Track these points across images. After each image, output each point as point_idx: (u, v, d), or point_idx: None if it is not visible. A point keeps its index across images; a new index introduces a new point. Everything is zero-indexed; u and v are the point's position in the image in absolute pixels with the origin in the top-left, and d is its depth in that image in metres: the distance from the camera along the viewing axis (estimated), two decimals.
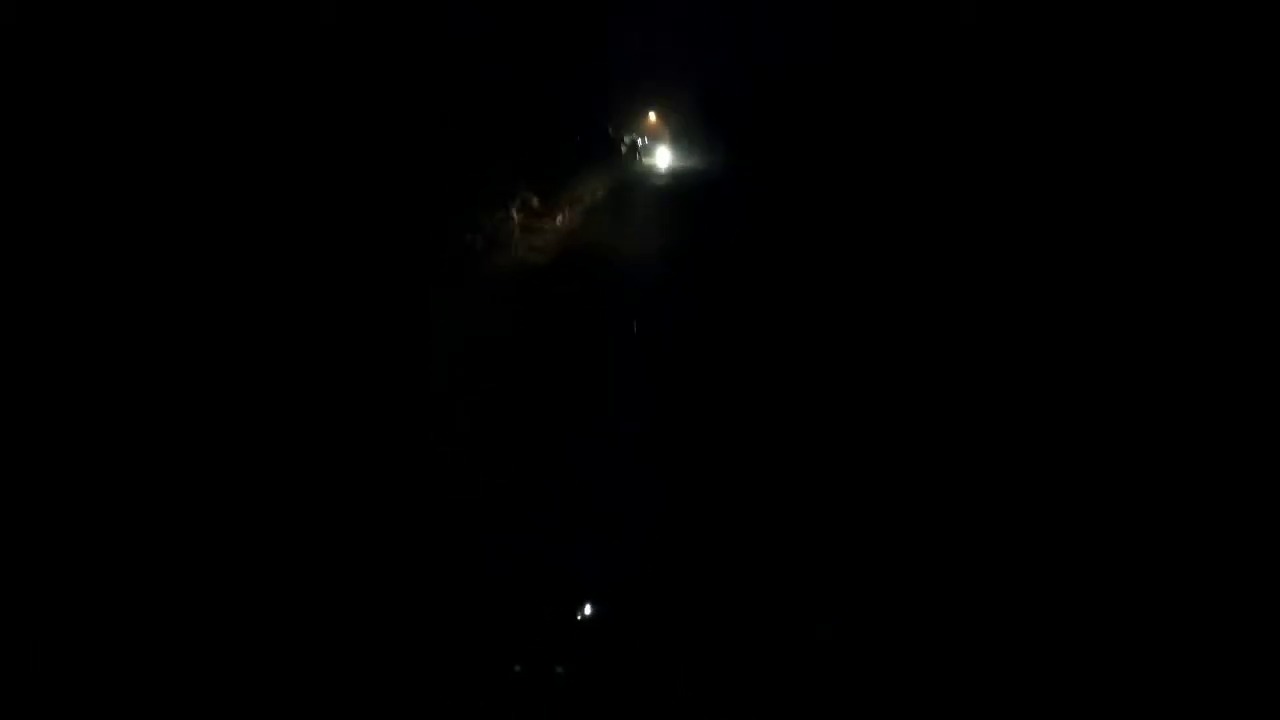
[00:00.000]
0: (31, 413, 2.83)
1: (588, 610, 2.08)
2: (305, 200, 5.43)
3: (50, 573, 1.93)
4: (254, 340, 3.92)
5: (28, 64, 3.76)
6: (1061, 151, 5.49)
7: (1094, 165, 5.06)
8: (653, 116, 61.99)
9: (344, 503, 2.54)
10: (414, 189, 9.01)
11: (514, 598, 2.23)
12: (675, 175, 34.83)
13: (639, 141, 58.69)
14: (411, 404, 3.71)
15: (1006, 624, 1.83)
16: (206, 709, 1.79)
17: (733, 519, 2.82)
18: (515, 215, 13.72)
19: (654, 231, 14.04)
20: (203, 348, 3.57)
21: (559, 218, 15.84)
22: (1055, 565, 2.12)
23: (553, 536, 2.57)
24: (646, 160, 47.76)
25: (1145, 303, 4.17)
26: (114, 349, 3.32)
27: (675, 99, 55.55)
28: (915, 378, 3.93)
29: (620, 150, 43.56)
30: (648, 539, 2.45)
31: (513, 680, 1.76)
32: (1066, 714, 1.67)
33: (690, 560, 2.35)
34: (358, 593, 2.19)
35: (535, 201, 15.74)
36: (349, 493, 2.61)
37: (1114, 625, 1.79)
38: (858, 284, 6.56)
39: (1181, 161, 4.67)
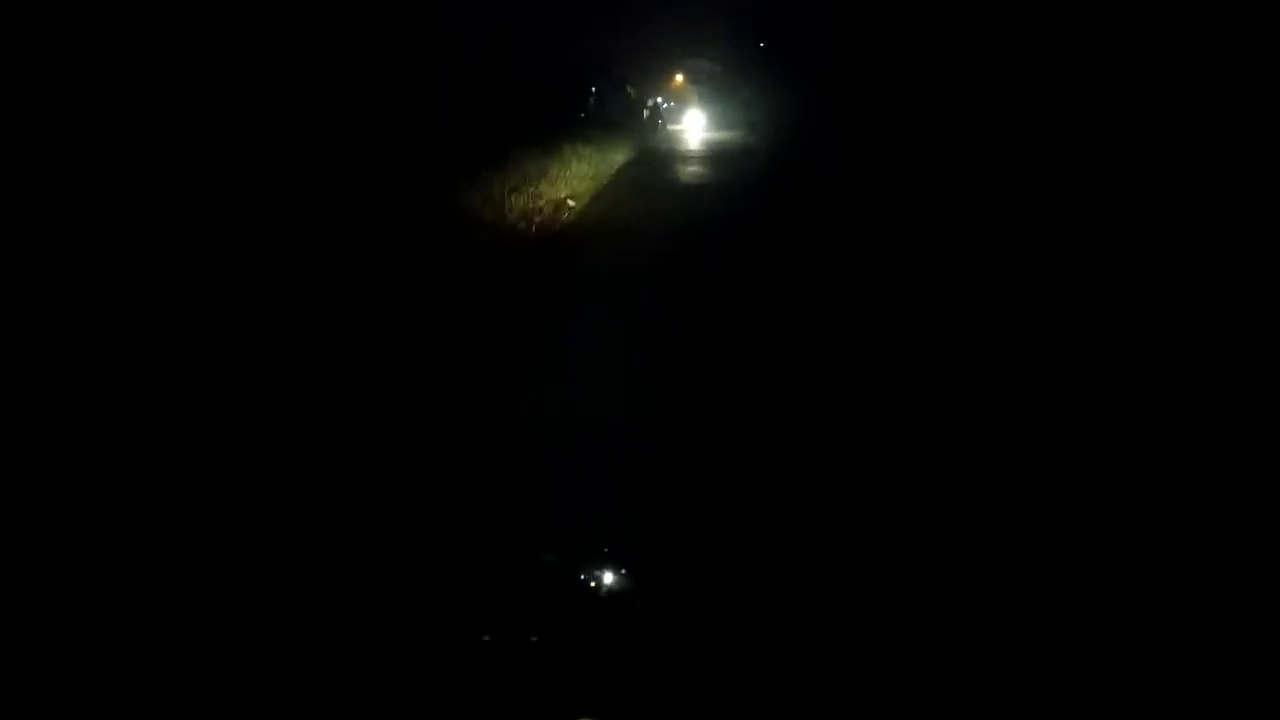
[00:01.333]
0: (31, 412, 2.65)
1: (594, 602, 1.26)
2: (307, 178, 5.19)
3: (50, 572, 1.91)
4: (255, 330, 3.57)
5: (27, 64, 3.49)
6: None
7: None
8: (679, 78, 56.24)
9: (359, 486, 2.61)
10: (411, 164, 8.03)
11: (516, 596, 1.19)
12: (703, 145, 28.68)
13: (662, 106, 53.27)
14: (416, 394, 3.58)
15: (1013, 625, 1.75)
16: (206, 709, 1.12)
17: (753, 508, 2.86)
18: (519, 192, 10.44)
19: (677, 211, 11.49)
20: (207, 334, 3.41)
21: (567, 196, 11.42)
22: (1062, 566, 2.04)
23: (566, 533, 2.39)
24: (671, 127, 41.99)
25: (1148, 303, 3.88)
26: (102, 344, 3.09)
27: (705, 56, 49.88)
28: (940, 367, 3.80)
29: (640, 116, 38.28)
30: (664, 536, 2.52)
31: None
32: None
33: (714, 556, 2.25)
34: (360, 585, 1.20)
35: (540, 179, 11.75)
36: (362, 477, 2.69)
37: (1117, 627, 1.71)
38: (912, 271, 5.69)
39: (1182, 161, 4.66)
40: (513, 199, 9.79)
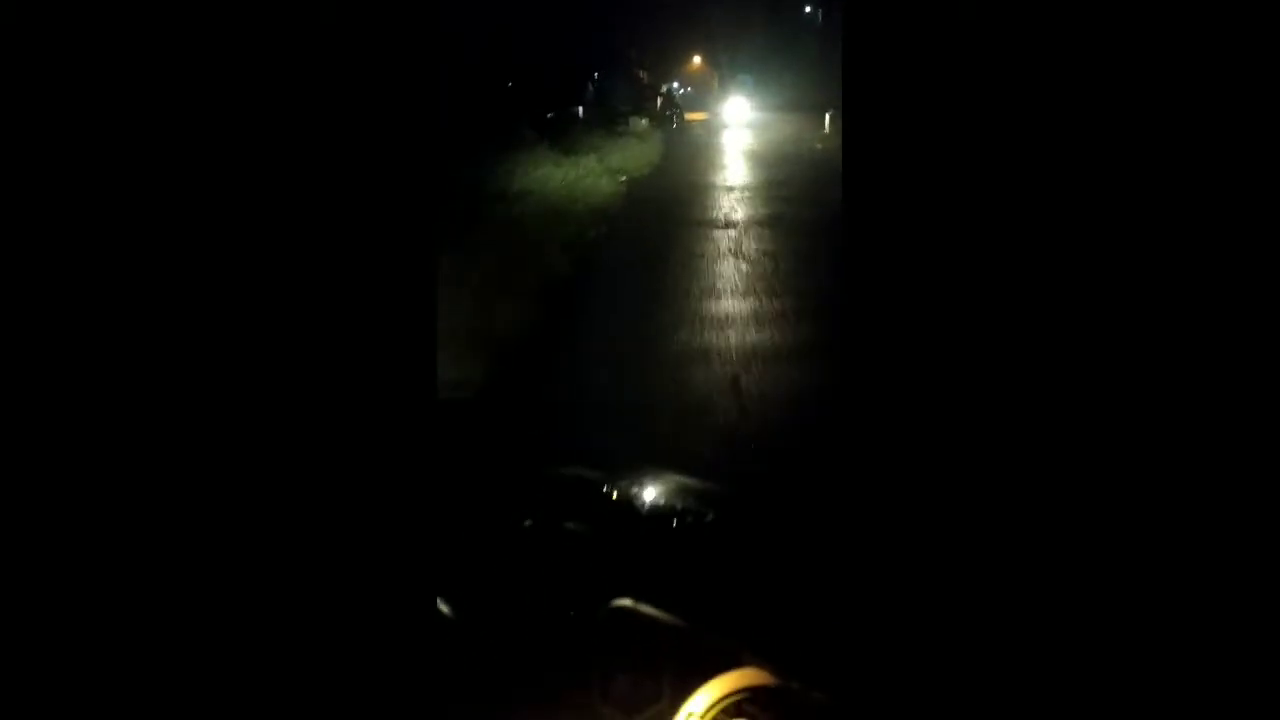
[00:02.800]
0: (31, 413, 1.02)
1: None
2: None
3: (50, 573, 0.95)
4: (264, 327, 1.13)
5: (27, 64, 1.09)
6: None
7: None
8: (697, 60, 49.35)
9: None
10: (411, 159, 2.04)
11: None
12: (726, 134, 21.25)
13: (677, 92, 46.49)
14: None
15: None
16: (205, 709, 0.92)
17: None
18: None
19: (696, 215, 9.22)
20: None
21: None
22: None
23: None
24: (692, 117, 35.72)
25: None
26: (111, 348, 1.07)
27: (728, 36, 42.37)
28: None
29: (655, 103, 31.75)
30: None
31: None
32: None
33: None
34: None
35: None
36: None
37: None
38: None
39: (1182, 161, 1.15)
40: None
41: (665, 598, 0.77)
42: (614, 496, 1.02)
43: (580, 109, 19.63)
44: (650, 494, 1.04)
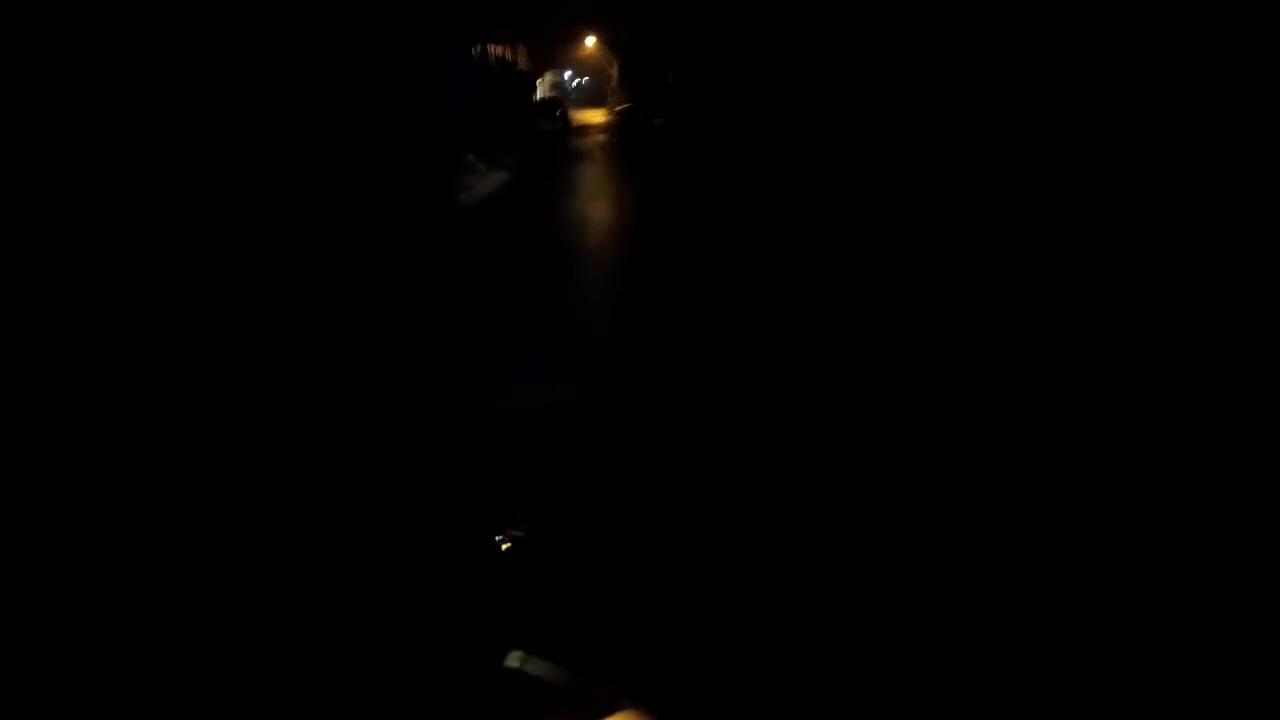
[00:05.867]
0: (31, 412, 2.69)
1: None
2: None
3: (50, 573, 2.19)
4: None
5: (27, 64, 3.24)
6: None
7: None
8: (590, 42, 42.71)
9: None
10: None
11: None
12: (626, 135, 19.52)
13: (569, 84, 39.93)
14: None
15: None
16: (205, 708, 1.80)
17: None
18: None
19: (582, 224, 9.20)
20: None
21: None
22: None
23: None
24: (580, 117, 29.89)
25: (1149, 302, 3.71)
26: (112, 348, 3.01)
27: (627, 16, 35.98)
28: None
29: (534, 97, 25.72)
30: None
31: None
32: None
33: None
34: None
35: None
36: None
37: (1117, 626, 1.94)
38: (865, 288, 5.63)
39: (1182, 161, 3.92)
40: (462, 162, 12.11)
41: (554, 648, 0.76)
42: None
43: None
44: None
